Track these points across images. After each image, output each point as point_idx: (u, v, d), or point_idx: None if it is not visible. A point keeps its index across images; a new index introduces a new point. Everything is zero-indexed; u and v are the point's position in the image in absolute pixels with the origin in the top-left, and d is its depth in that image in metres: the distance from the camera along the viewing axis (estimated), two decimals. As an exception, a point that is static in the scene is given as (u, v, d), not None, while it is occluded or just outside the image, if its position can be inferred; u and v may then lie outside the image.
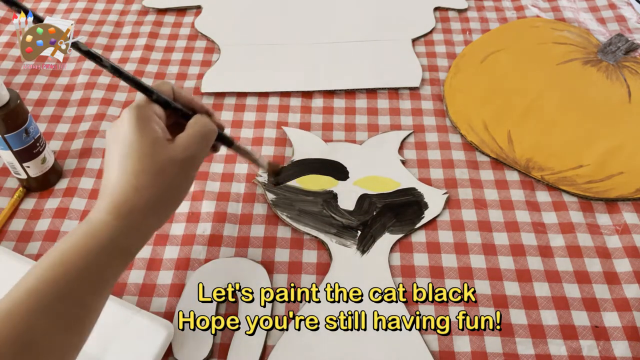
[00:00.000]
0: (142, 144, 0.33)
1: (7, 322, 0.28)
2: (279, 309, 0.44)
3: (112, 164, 0.34)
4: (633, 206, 0.50)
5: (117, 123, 0.35)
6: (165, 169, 0.33)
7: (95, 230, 0.32)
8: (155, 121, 0.35)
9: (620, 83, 0.58)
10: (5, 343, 0.28)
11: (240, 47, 0.68)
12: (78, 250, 0.31)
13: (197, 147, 0.35)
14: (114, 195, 0.33)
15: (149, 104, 0.35)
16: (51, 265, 0.31)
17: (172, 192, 0.35)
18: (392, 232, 0.48)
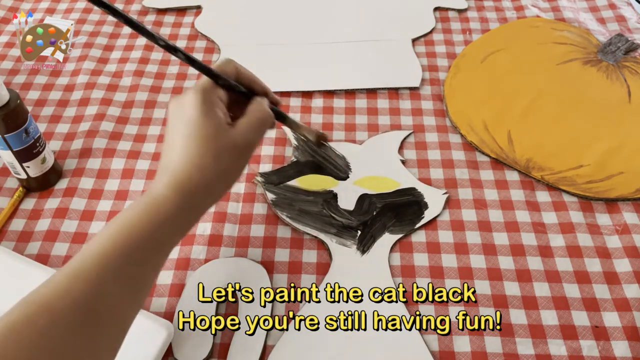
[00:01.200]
0: (206, 127, 0.35)
1: (77, 283, 0.29)
2: (279, 309, 0.44)
3: (174, 142, 0.35)
4: (633, 206, 0.50)
5: (181, 102, 0.36)
6: (225, 153, 0.35)
7: (159, 204, 0.33)
8: (219, 106, 0.36)
9: (620, 83, 0.58)
10: (75, 304, 0.29)
11: (240, 47, 0.68)
12: (142, 222, 0.33)
13: (255, 134, 0.37)
14: (177, 173, 0.34)
15: (215, 87, 0.37)
16: (118, 232, 0.32)
17: (230, 174, 0.37)
18: (392, 232, 0.48)
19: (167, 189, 0.34)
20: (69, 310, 0.28)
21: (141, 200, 0.34)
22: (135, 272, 0.32)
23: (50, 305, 0.29)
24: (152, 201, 0.33)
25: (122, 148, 0.56)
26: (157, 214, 0.33)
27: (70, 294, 0.29)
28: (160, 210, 0.33)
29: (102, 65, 0.66)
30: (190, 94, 0.36)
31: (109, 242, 0.31)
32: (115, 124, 0.59)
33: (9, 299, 0.44)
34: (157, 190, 0.34)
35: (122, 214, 0.33)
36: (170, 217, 0.33)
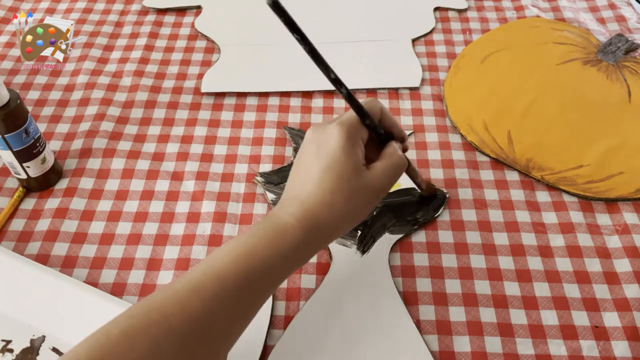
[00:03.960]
0: (345, 165, 0.34)
1: (196, 298, 0.30)
2: (279, 309, 0.44)
3: (309, 172, 0.35)
4: (633, 206, 0.50)
5: (324, 132, 0.36)
6: (358, 195, 0.35)
7: (284, 232, 0.33)
8: (360, 146, 0.36)
9: (620, 83, 0.58)
10: (192, 318, 0.30)
11: (240, 47, 0.68)
12: (266, 250, 0.33)
13: (389, 180, 0.37)
14: (307, 206, 0.34)
15: (360, 126, 0.36)
16: (240, 255, 0.32)
17: (357, 216, 0.36)
18: (392, 232, 0.48)
19: (295, 220, 0.34)
20: (184, 325, 0.29)
21: (266, 224, 0.34)
22: (248, 298, 0.32)
23: (168, 315, 0.29)
24: (278, 229, 0.33)
25: (122, 148, 0.56)
26: (281, 245, 0.33)
27: (188, 308, 0.30)
28: (284, 240, 0.33)
29: (102, 65, 0.66)
30: (335, 127, 0.35)
31: (229, 264, 0.32)
32: (115, 124, 0.59)
33: (9, 299, 0.44)
34: (285, 218, 0.34)
35: (246, 235, 0.34)
36: (293, 249, 0.33)
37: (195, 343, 0.29)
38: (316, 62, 0.34)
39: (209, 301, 0.30)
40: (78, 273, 0.47)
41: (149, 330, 0.28)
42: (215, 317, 0.30)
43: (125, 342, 0.28)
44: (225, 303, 0.31)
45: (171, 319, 0.29)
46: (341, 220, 0.35)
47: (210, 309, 0.30)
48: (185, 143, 0.57)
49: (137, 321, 0.29)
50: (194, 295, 0.30)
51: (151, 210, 0.51)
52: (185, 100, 0.62)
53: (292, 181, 0.36)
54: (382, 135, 0.38)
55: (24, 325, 0.43)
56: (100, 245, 0.49)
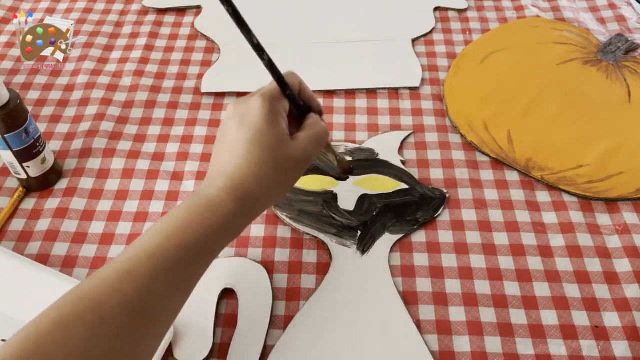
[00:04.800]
0: (270, 136, 0.35)
1: (130, 281, 0.30)
2: (279, 309, 0.44)
3: (235, 146, 0.35)
4: (633, 206, 0.50)
5: (246, 104, 0.36)
6: (284, 164, 0.36)
7: (215, 207, 0.34)
8: (283, 117, 0.37)
9: (620, 83, 0.58)
10: (127, 300, 0.29)
11: (240, 47, 0.67)
12: (198, 224, 0.33)
13: (313, 149, 0.38)
14: (235, 179, 0.35)
15: (281, 97, 0.37)
16: (172, 231, 0.32)
17: (284, 185, 0.38)
18: (392, 232, 0.48)
19: (225, 193, 0.34)
20: (119, 309, 0.29)
21: (195, 201, 0.34)
22: (186, 273, 0.32)
23: (101, 302, 0.28)
24: (209, 204, 0.34)
25: (122, 148, 0.56)
26: (213, 217, 0.33)
27: (121, 292, 0.29)
28: (217, 213, 0.33)
29: (102, 65, 0.66)
30: (257, 100, 0.36)
31: (162, 241, 0.32)
32: (115, 124, 0.59)
33: (8, 299, 0.44)
34: (214, 193, 0.34)
35: (175, 213, 0.33)
36: (226, 221, 0.34)
37: (132, 326, 0.29)
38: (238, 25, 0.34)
39: (143, 283, 0.30)
40: (78, 273, 0.47)
41: (82, 317, 0.28)
42: (151, 297, 0.30)
43: (59, 331, 0.27)
44: (160, 282, 0.30)
45: (104, 306, 0.28)
46: (270, 190, 0.36)
47: (144, 290, 0.30)
48: (185, 143, 0.57)
49: (68, 310, 0.28)
50: (126, 279, 0.30)
51: (151, 210, 0.51)
52: (185, 100, 0.62)
53: (218, 157, 0.37)
54: (301, 106, 0.39)
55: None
56: (100, 245, 0.49)
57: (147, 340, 0.30)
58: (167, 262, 0.31)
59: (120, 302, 0.29)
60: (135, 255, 0.31)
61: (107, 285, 0.29)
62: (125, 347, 0.29)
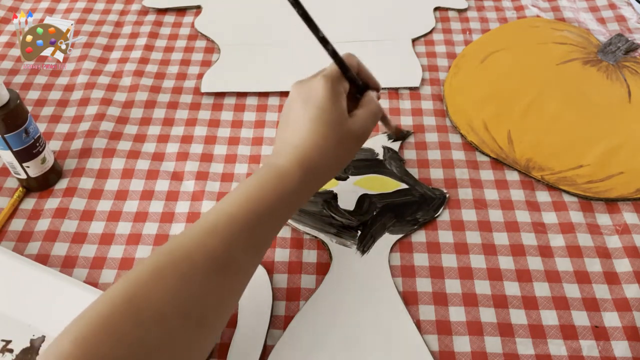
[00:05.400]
0: (332, 113, 0.38)
1: (214, 238, 0.33)
2: (279, 309, 0.44)
3: (300, 122, 0.38)
4: (633, 206, 0.50)
5: (309, 85, 0.39)
6: (344, 139, 0.39)
7: (286, 177, 0.36)
8: (343, 97, 0.39)
9: (620, 83, 0.58)
10: (212, 254, 0.32)
11: (240, 47, 0.68)
12: (271, 192, 0.36)
13: (369, 124, 0.41)
14: (303, 151, 0.37)
15: (341, 78, 0.40)
16: (247, 198, 0.35)
17: (343, 159, 0.41)
18: (392, 232, 0.48)
19: (293, 164, 0.37)
20: (205, 261, 0.32)
21: (266, 171, 0.37)
22: (260, 234, 0.35)
23: (191, 254, 0.32)
24: (279, 174, 0.36)
25: (122, 148, 0.56)
26: (284, 186, 0.36)
27: (207, 247, 0.33)
28: (287, 182, 0.36)
29: (102, 65, 0.66)
30: (320, 80, 0.39)
31: (240, 206, 0.35)
32: (115, 124, 0.59)
33: (8, 299, 0.44)
34: (283, 164, 0.37)
35: (249, 182, 0.36)
36: (295, 189, 0.36)
37: (217, 277, 0.32)
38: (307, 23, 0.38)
39: (226, 240, 0.33)
40: (78, 273, 0.47)
41: (174, 266, 0.31)
42: (232, 253, 0.33)
43: (156, 276, 0.30)
44: (240, 241, 0.34)
45: (194, 257, 0.32)
46: (332, 163, 0.39)
47: (227, 246, 0.33)
48: (185, 143, 0.57)
49: (161, 262, 0.31)
50: (211, 235, 0.33)
51: (151, 210, 0.51)
52: (185, 100, 0.62)
53: (283, 132, 0.40)
54: (360, 86, 0.42)
55: (24, 325, 0.43)
56: (100, 245, 0.49)
57: (229, 290, 0.34)
58: (245, 224, 0.34)
59: (206, 254, 0.32)
60: (217, 217, 0.34)
61: (194, 241, 0.33)
62: (212, 293, 0.32)
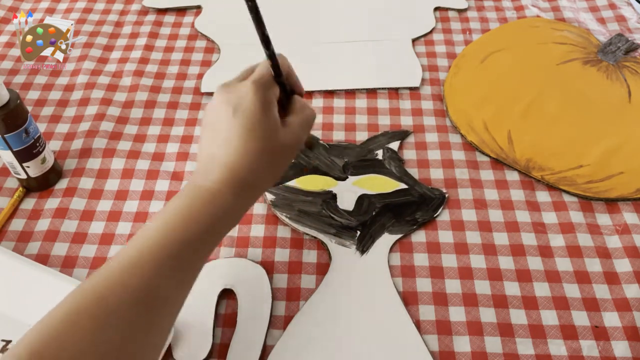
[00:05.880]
0: (265, 125, 0.35)
1: (134, 275, 0.30)
2: (279, 309, 0.44)
3: (229, 134, 0.35)
4: (633, 206, 0.50)
5: (237, 91, 0.36)
6: (278, 152, 0.36)
7: (215, 200, 0.34)
8: (274, 104, 0.37)
9: (620, 83, 0.58)
10: (132, 293, 0.30)
11: (240, 47, 0.68)
12: (201, 216, 0.33)
13: (303, 133, 0.38)
14: (234, 170, 0.35)
15: (273, 84, 0.37)
16: (174, 226, 0.33)
17: (277, 172, 0.38)
18: (392, 232, 0.48)
19: (224, 186, 0.34)
20: (124, 304, 0.29)
21: (194, 194, 0.34)
22: (188, 264, 0.33)
23: (106, 296, 0.29)
24: (209, 197, 0.34)
25: (122, 148, 0.56)
26: (214, 211, 0.34)
27: (125, 286, 0.30)
28: (217, 207, 0.34)
29: (102, 65, 0.66)
30: (250, 87, 0.35)
31: (164, 237, 0.32)
32: (115, 124, 0.59)
33: (8, 299, 0.44)
34: (213, 186, 0.34)
35: (174, 205, 0.34)
36: (227, 212, 0.34)
37: (139, 318, 0.30)
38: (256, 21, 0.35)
39: (147, 276, 0.30)
40: (78, 273, 0.47)
41: (88, 311, 0.28)
42: (156, 289, 0.31)
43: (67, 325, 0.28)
44: (164, 275, 0.31)
45: (109, 299, 0.29)
46: (265, 178, 0.37)
47: (148, 283, 0.30)
48: (185, 143, 0.57)
49: (74, 306, 0.29)
50: (130, 273, 0.30)
51: (151, 210, 0.51)
52: (185, 100, 0.62)
53: (209, 146, 0.36)
54: (287, 91, 0.39)
55: (24, 325, 0.42)
56: (100, 245, 0.49)
57: (155, 330, 0.31)
58: (170, 255, 0.31)
59: (125, 295, 0.29)
60: (138, 250, 0.31)
61: (111, 280, 0.30)
62: (133, 337, 0.29)
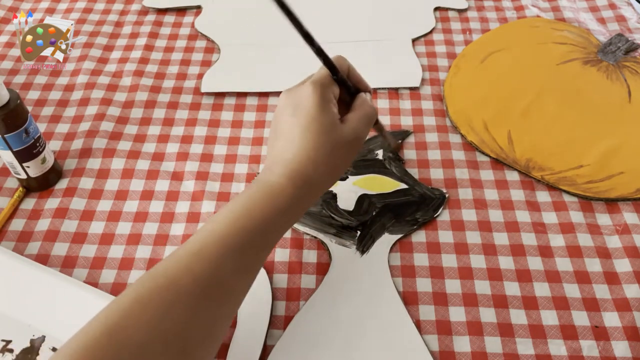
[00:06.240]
0: (323, 122, 0.36)
1: (201, 260, 0.32)
2: (279, 309, 0.44)
3: (290, 133, 0.36)
4: (633, 206, 0.50)
5: (298, 93, 0.37)
6: (337, 148, 0.37)
7: (277, 194, 0.35)
8: (333, 102, 0.38)
9: (620, 83, 0.58)
10: (198, 279, 0.31)
11: (240, 47, 0.68)
12: (262, 209, 0.34)
13: (363, 129, 0.39)
14: (294, 164, 0.36)
15: (331, 83, 0.38)
16: (237, 217, 0.34)
17: (339, 168, 0.38)
18: (392, 232, 0.48)
19: (284, 179, 0.35)
20: (191, 287, 0.30)
21: (257, 187, 0.35)
22: (251, 255, 0.34)
23: (175, 280, 0.31)
24: (270, 190, 0.35)
25: (122, 148, 0.56)
26: (275, 203, 0.35)
27: (193, 272, 0.31)
28: (278, 199, 0.35)
29: (102, 65, 0.66)
30: (309, 87, 0.37)
31: (229, 225, 0.33)
32: (115, 124, 0.59)
33: (8, 299, 0.44)
34: (274, 179, 0.35)
35: (239, 200, 0.35)
36: (287, 206, 0.35)
37: (204, 302, 0.31)
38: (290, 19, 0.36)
39: (214, 262, 0.32)
40: (78, 273, 0.47)
41: (158, 293, 0.30)
42: (221, 276, 0.32)
43: (137, 306, 0.29)
44: (229, 262, 0.32)
45: (179, 283, 0.30)
46: (327, 173, 0.37)
47: (215, 270, 0.32)
48: (185, 143, 0.57)
49: (145, 288, 0.30)
50: (198, 259, 0.32)
51: (151, 210, 0.51)
52: (185, 100, 0.62)
53: (274, 146, 0.38)
54: (350, 88, 0.40)
55: (24, 325, 0.43)
56: (100, 245, 0.49)
57: (218, 316, 0.32)
58: (233, 245, 0.33)
59: (192, 280, 0.31)
60: (204, 238, 0.33)
61: (179, 265, 0.31)
62: (198, 321, 0.30)
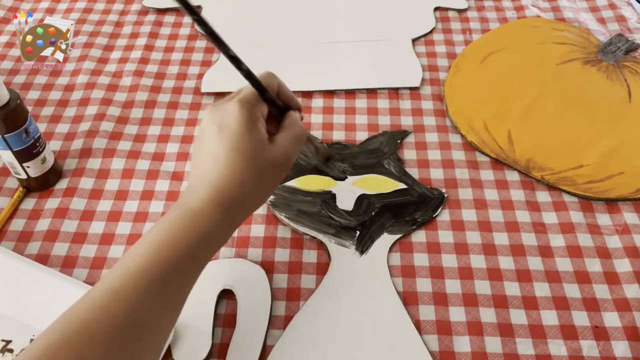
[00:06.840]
0: (250, 142, 0.34)
1: (115, 302, 0.29)
2: (279, 309, 0.44)
3: (215, 153, 0.34)
4: (633, 206, 0.50)
5: (223, 112, 0.35)
6: (266, 169, 0.35)
7: (200, 219, 0.33)
8: (261, 122, 0.36)
9: (621, 83, 0.58)
10: (113, 324, 0.29)
11: (240, 47, 0.67)
12: (185, 238, 0.32)
13: (293, 150, 0.37)
14: (220, 189, 0.34)
15: (259, 101, 0.36)
16: (157, 247, 0.32)
17: (267, 189, 0.37)
18: (391, 232, 0.48)
19: (209, 204, 0.33)
20: (107, 331, 0.28)
21: (180, 213, 0.33)
22: (175, 287, 0.32)
23: (88, 324, 0.28)
24: (194, 216, 0.33)
25: (122, 148, 0.56)
26: (198, 229, 0.33)
27: (108, 313, 0.29)
28: (202, 225, 0.33)
29: (102, 65, 0.66)
30: (234, 106, 0.35)
31: (148, 258, 0.31)
32: (115, 124, 0.59)
33: (8, 299, 0.44)
34: (198, 205, 0.34)
35: (160, 227, 0.33)
36: (212, 232, 0.33)
37: (123, 345, 0.29)
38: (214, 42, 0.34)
39: (131, 302, 0.29)
40: (78, 273, 0.47)
41: (69, 341, 0.28)
42: (141, 315, 0.30)
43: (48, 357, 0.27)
44: (149, 299, 0.30)
45: (92, 327, 0.28)
46: (253, 197, 0.36)
47: (133, 309, 0.29)
48: (185, 143, 0.57)
49: (56, 336, 0.28)
50: (114, 299, 0.29)
51: (151, 210, 0.51)
52: (185, 100, 0.62)
53: (198, 166, 0.36)
54: (280, 107, 0.39)
55: (24, 325, 0.43)
56: (100, 245, 0.49)
57: (142, 356, 0.30)
58: (155, 279, 0.30)
59: (108, 322, 0.28)
60: (122, 274, 0.30)
61: (94, 306, 0.29)
62: None
